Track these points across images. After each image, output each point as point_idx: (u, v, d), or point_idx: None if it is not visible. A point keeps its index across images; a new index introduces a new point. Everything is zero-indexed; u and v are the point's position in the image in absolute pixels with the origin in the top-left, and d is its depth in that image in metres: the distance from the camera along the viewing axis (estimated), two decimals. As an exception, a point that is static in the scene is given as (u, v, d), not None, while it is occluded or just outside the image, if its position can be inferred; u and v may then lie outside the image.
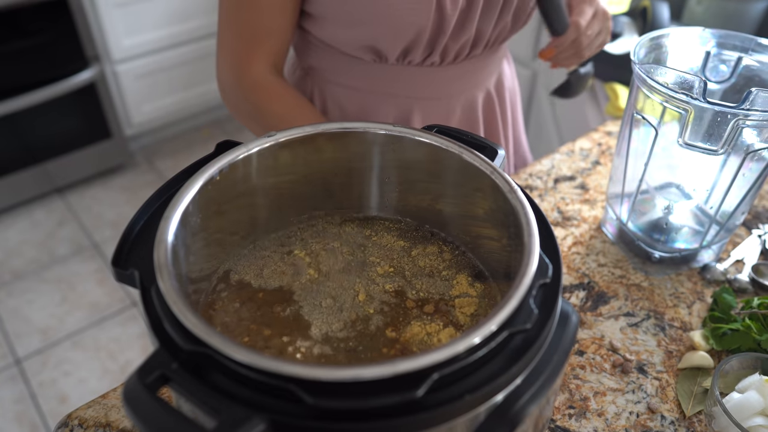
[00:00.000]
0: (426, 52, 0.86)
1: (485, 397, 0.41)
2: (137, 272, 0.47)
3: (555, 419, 0.68)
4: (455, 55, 0.90)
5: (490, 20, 0.86)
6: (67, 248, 2.31)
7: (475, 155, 0.57)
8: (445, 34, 0.83)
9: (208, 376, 0.41)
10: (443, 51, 0.87)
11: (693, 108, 0.71)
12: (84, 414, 0.67)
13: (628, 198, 0.86)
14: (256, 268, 0.60)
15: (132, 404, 0.38)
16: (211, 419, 0.38)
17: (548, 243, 0.51)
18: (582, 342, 0.77)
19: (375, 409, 0.38)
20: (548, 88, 1.93)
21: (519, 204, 0.52)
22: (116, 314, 2.07)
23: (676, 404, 0.71)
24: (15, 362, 1.92)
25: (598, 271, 0.87)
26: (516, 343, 0.44)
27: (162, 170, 2.68)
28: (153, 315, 0.44)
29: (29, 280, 2.18)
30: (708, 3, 1.45)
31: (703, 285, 0.86)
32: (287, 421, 0.38)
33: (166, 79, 2.59)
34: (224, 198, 0.57)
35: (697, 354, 0.74)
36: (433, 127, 0.62)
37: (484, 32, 0.88)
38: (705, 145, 0.74)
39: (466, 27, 0.85)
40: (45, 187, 2.47)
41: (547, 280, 0.46)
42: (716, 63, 0.82)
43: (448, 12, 0.81)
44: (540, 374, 0.44)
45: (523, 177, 1.05)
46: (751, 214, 0.98)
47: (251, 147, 0.57)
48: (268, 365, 0.38)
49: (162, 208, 0.51)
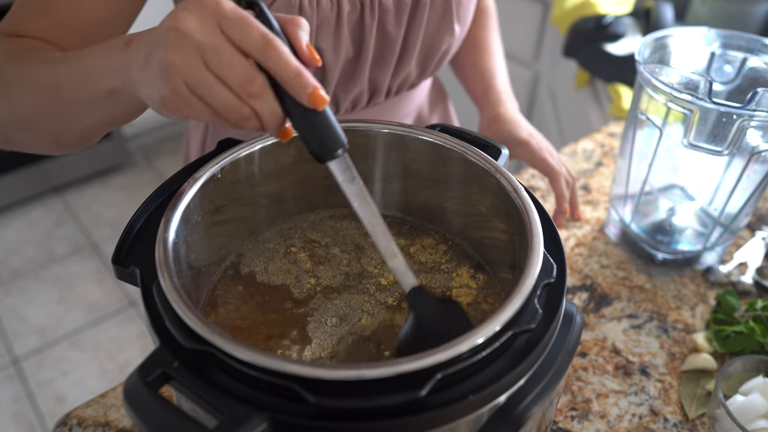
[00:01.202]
0: None
1: (489, 398, 0.41)
2: (138, 270, 0.47)
3: (557, 421, 0.68)
4: (352, 105, 0.80)
5: (385, 70, 0.77)
6: (65, 247, 2.31)
7: (479, 154, 0.57)
8: (330, 85, 0.75)
9: (209, 374, 0.40)
10: (334, 101, 0.78)
11: (698, 108, 0.71)
12: (83, 413, 0.66)
13: (632, 199, 0.86)
14: (257, 265, 0.59)
15: (133, 402, 0.37)
16: (213, 418, 0.38)
17: (552, 243, 0.50)
18: (584, 344, 0.77)
19: (378, 408, 0.38)
20: (550, 89, 1.93)
21: (522, 203, 0.52)
22: (114, 314, 2.06)
23: (679, 407, 0.70)
24: (12, 361, 1.91)
25: (600, 273, 0.87)
26: (520, 343, 0.43)
27: (161, 169, 2.68)
28: (154, 313, 0.43)
29: (27, 279, 2.18)
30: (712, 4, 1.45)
31: (706, 287, 0.85)
32: (289, 421, 0.38)
33: (166, 78, 2.59)
34: (226, 195, 0.56)
35: (700, 356, 0.74)
36: (436, 126, 0.62)
37: (380, 82, 0.78)
38: (709, 146, 0.74)
39: (357, 78, 0.76)
40: (43, 187, 2.47)
41: (552, 280, 0.46)
42: (721, 64, 0.82)
43: (329, 61, 0.72)
44: (544, 375, 0.44)
45: (526, 177, 1.05)
46: (755, 216, 0.98)
47: (253, 144, 0.57)
48: (270, 364, 0.38)
49: (163, 206, 0.51)
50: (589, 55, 1.55)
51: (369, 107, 0.83)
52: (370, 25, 0.71)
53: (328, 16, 0.68)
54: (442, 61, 0.82)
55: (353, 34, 0.72)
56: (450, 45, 0.79)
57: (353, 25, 0.71)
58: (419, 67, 0.81)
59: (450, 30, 0.77)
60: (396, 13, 0.72)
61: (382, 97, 0.82)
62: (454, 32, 0.78)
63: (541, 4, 1.85)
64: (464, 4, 0.77)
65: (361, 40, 0.72)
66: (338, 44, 0.70)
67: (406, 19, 0.73)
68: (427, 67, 0.81)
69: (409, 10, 0.72)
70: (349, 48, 0.72)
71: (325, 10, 0.67)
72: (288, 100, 0.44)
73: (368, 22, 0.71)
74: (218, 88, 0.42)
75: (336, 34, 0.70)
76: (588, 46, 1.55)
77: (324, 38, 0.69)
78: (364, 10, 0.70)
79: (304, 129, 0.45)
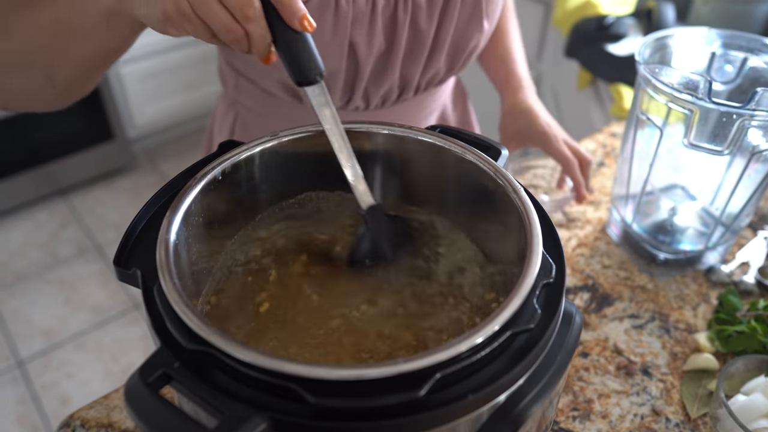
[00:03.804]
0: (345, 96, 0.79)
1: (488, 397, 0.41)
2: (139, 271, 0.47)
3: (559, 421, 0.68)
4: (382, 100, 0.82)
5: (416, 66, 0.79)
6: (69, 250, 2.31)
7: (478, 155, 0.57)
8: (363, 79, 0.76)
9: (209, 375, 0.40)
10: (365, 96, 0.80)
11: (698, 108, 0.71)
12: (86, 414, 0.67)
13: (633, 199, 0.86)
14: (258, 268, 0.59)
15: (134, 403, 0.37)
16: (213, 418, 0.38)
17: (552, 243, 0.50)
18: (586, 344, 0.77)
19: (377, 408, 0.38)
20: (552, 89, 1.93)
21: (522, 204, 0.52)
22: (119, 316, 2.07)
23: (681, 406, 0.70)
24: (17, 364, 1.92)
25: (602, 273, 0.87)
26: (519, 343, 0.43)
27: (165, 172, 2.69)
28: (155, 314, 0.44)
29: (32, 281, 2.19)
30: (714, 4, 1.45)
31: (708, 287, 0.85)
32: (289, 420, 0.38)
33: (169, 80, 2.60)
34: (227, 197, 0.57)
35: (702, 356, 0.74)
36: (435, 127, 0.62)
37: (410, 78, 0.80)
38: (710, 145, 0.74)
39: (388, 73, 0.77)
40: (48, 189, 2.48)
41: (551, 279, 0.46)
42: (722, 64, 0.82)
43: (362, 57, 0.73)
44: (543, 375, 0.44)
45: (527, 177, 1.05)
46: (757, 216, 0.98)
47: (254, 146, 0.57)
48: (270, 364, 0.38)
49: (164, 208, 0.51)
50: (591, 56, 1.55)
51: (398, 103, 0.84)
52: (403, 21, 0.73)
53: (363, 11, 0.70)
54: (470, 57, 0.84)
55: (386, 29, 0.74)
56: (478, 41, 0.81)
57: (386, 20, 0.73)
58: (448, 64, 0.82)
59: (479, 26, 0.79)
60: (428, 9, 0.74)
61: (411, 92, 0.83)
62: (483, 28, 0.79)
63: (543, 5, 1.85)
64: (494, 1, 0.79)
65: (393, 35, 0.74)
66: (371, 38, 0.72)
67: (438, 14, 0.75)
68: (456, 64, 0.83)
69: (440, 6, 0.74)
70: (381, 42, 0.74)
71: (361, 5, 0.69)
72: (277, 25, 0.48)
73: (401, 18, 0.73)
74: (218, 10, 0.47)
75: (370, 29, 0.72)
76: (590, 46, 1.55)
77: (358, 32, 0.71)
78: (397, 5, 0.72)
79: (287, 54, 0.50)
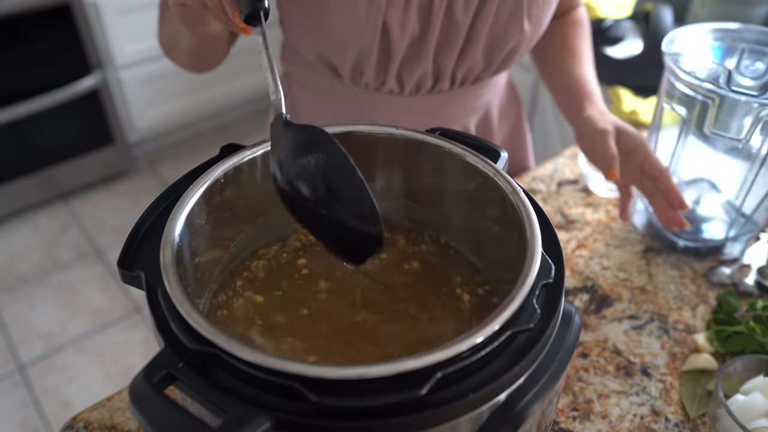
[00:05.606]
0: (380, 77, 0.81)
1: (488, 396, 0.41)
2: (143, 273, 0.47)
3: (559, 421, 0.68)
4: (416, 87, 0.84)
5: (450, 56, 0.80)
6: (70, 254, 2.32)
7: (478, 157, 0.57)
8: (395, 61, 0.79)
9: (213, 375, 0.41)
10: (398, 79, 0.82)
11: (718, 97, 0.74)
12: (89, 416, 0.67)
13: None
14: (260, 269, 0.60)
15: (138, 403, 0.38)
16: (217, 418, 0.38)
17: (551, 244, 0.51)
18: (586, 345, 0.77)
19: (379, 407, 0.39)
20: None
21: (521, 205, 0.52)
22: (119, 320, 2.07)
23: (680, 406, 0.71)
24: (18, 368, 1.92)
25: (601, 274, 0.87)
26: (519, 342, 0.44)
27: (165, 176, 2.69)
28: (159, 315, 0.44)
29: (33, 285, 2.19)
30: (712, 6, 1.46)
31: (706, 288, 0.86)
32: (292, 419, 0.38)
33: (169, 85, 2.60)
34: (229, 200, 0.57)
35: (701, 356, 0.74)
36: (436, 130, 0.62)
37: (444, 67, 0.81)
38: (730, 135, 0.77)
39: (421, 57, 0.79)
40: (48, 193, 2.48)
41: (550, 280, 0.47)
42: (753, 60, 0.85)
43: (395, 37, 0.76)
44: (543, 374, 0.44)
45: (527, 180, 1.05)
46: (755, 217, 0.98)
47: (256, 150, 0.58)
48: (273, 364, 0.38)
49: (168, 210, 0.52)
50: (590, 59, 1.56)
51: (433, 93, 0.85)
52: (438, 8, 0.75)
53: None
54: (510, 58, 0.84)
55: (421, 14, 0.76)
56: (518, 43, 0.82)
57: (422, 5, 0.75)
58: (485, 60, 0.83)
59: (519, 27, 0.79)
60: (465, 1, 0.75)
61: (446, 83, 0.84)
62: (524, 30, 0.80)
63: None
64: (538, 4, 0.79)
65: (428, 21, 0.76)
66: (405, 22, 0.75)
67: (474, 8, 0.76)
68: (493, 62, 0.83)
69: (478, 0, 0.76)
70: (415, 27, 0.76)
71: None
72: None
73: (437, 5, 0.75)
74: None
75: (404, 12, 0.74)
76: (588, 49, 1.55)
77: (392, 14, 0.73)
78: None
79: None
